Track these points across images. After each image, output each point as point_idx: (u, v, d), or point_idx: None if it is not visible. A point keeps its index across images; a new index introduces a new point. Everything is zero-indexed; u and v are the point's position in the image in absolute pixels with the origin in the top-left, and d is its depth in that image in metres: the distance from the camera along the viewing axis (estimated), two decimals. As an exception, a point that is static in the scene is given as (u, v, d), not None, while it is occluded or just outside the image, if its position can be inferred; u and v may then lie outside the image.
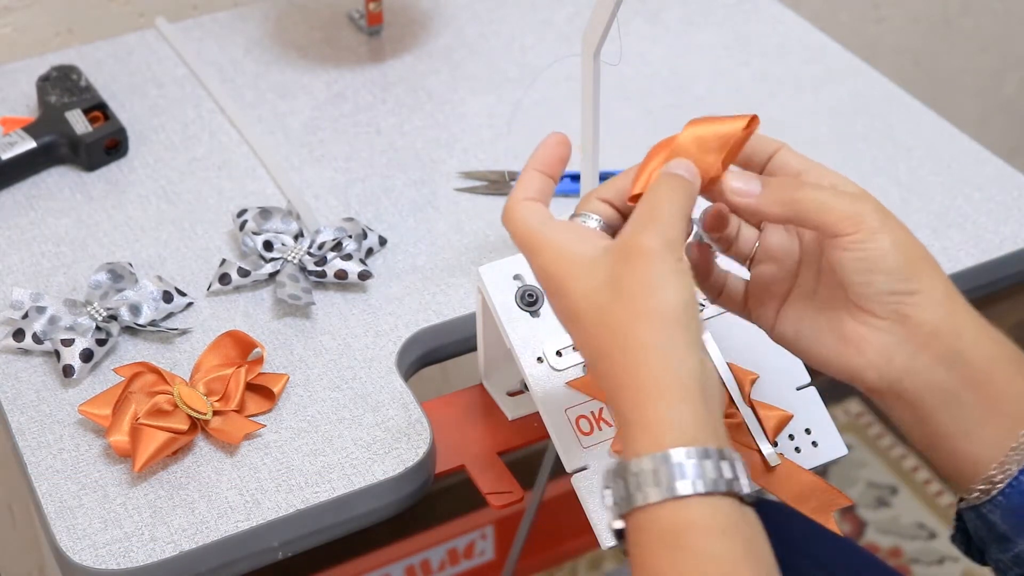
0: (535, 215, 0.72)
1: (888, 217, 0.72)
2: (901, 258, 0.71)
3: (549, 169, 0.74)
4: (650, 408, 0.64)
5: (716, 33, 1.28)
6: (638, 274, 0.66)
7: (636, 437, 0.64)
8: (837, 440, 0.88)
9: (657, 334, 0.65)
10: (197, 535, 0.84)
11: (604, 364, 0.67)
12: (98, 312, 0.96)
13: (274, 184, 1.11)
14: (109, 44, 1.27)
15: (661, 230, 0.68)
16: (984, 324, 0.72)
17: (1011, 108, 2.07)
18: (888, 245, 0.70)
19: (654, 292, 0.66)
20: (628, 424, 0.65)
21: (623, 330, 0.66)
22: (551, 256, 0.70)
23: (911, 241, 0.72)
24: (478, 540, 1.70)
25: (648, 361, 0.65)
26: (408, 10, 1.31)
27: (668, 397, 0.64)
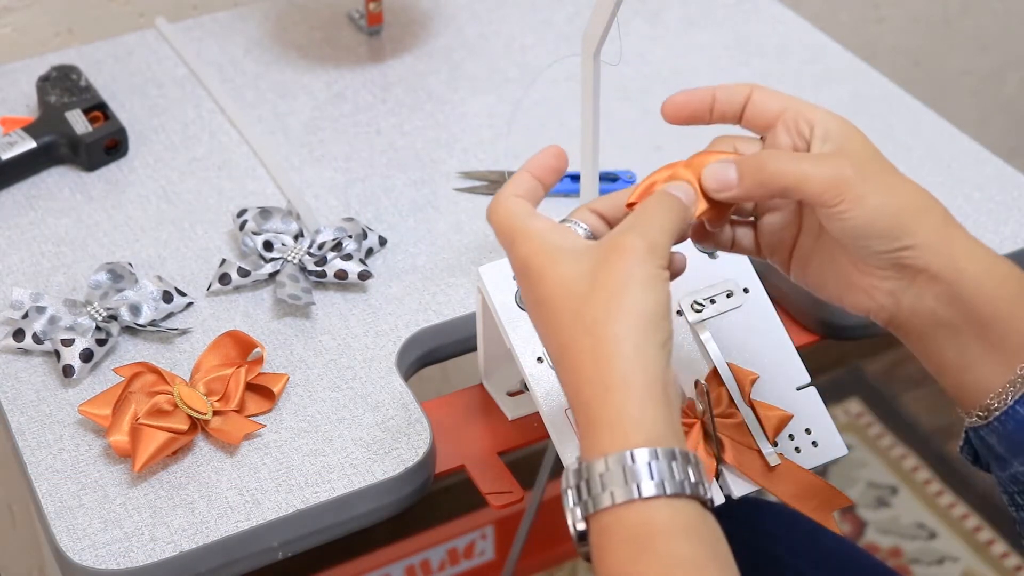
0: (521, 208, 0.72)
1: (870, 175, 0.72)
2: (889, 218, 0.71)
3: (541, 175, 0.75)
4: (618, 405, 0.64)
5: (716, 33, 1.28)
6: (617, 271, 0.66)
7: (601, 435, 0.64)
8: (837, 440, 0.88)
9: (630, 332, 0.65)
10: (197, 535, 0.84)
11: (571, 356, 0.66)
12: (98, 312, 0.96)
13: (274, 184, 1.11)
14: (109, 44, 1.27)
15: (646, 233, 0.68)
16: (988, 260, 0.73)
17: (1011, 108, 2.07)
18: (874, 209, 0.71)
19: (630, 290, 0.66)
20: (593, 422, 0.65)
21: (597, 323, 0.65)
22: (533, 245, 0.69)
23: (898, 195, 0.72)
24: (478, 540, 1.70)
25: (619, 357, 0.64)
26: (408, 10, 1.31)
27: (636, 396, 0.64)
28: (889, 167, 0.74)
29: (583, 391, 0.65)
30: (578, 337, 0.65)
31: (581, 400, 0.65)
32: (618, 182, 1.09)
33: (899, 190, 0.73)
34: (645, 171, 1.12)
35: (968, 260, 0.72)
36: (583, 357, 0.65)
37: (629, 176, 1.10)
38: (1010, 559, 1.79)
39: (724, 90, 0.77)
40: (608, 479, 0.63)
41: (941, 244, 0.72)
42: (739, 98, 0.77)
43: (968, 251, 0.73)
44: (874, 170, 0.73)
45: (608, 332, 0.65)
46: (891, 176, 0.74)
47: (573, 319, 0.66)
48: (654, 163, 1.13)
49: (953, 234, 0.73)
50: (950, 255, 0.72)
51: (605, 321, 0.65)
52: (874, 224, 0.71)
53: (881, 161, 0.74)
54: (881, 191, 0.72)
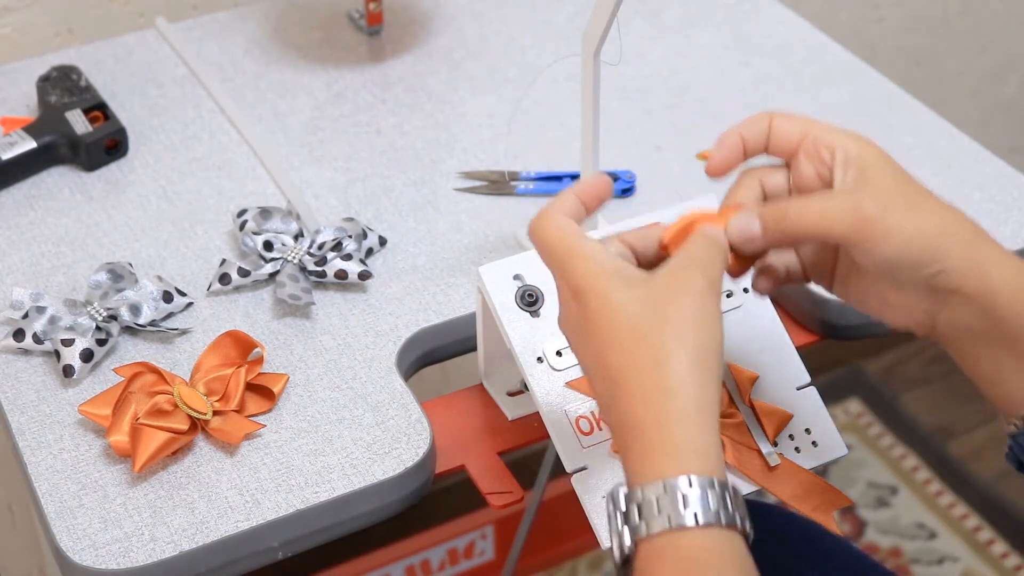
0: (572, 227, 0.73)
1: (892, 205, 0.72)
2: (916, 248, 0.72)
3: (587, 199, 0.75)
4: (680, 433, 0.65)
5: (716, 33, 1.28)
6: (685, 306, 0.68)
7: (660, 459, 0.65)
8: (837, 440, 0.88)
9: (695, 366, 0.67)
10: (197, 535, 0.84)
11: (633, 380, 0.67)
12: (98, 312, 0.96)
13: (274, 184, 1.11)
14: (109, 44, 1.27)
15: (707, 271, 0.70)
16: (1020, 275, 0.73)
17: (1011, 108, 2.07)
18: (899, 243, 0.72)
19: (697, 326, 0.67)
20: (652, 446, 0.65)
21: (666, 353, 0.66)
22: (591, 267, 0.70)
23: (923, 222, 0.72)
24: (478, 540, 1.70)
25: (684, 389, 0.66)
26: (408, 10, 1.31)
27: (697, 426, 0.66)
28: (912, 189, 0.74)
29: (641, 415, 0.66)
30: (643, 363, 0.66)
31: (637, 423, 0.66)
32: (618, 182, 1.09)
33: (923, 216, 0.73)
34: (645, 171, 1.12)
35: (999, 277, 0.73)
36: (648, 383, 0.66)
37: (629, 176, 1.10)
38: (1010, 559, 1.79)
39: (748, 126, 0.78)
40: (665, 504, 0.64)
41: (970, 265, 0.72)
42: (762, 129, 0.78)
43: (999, 268, 0.73)
44: (896, 197, 0.73)
45: (676, 364, 0.66)
46: (915, 200, 0.73)
47: (637, 345, 0.67)
48: (654, 163, 1.14)
49: (982, 252, 0.73)
50: (980, 275, 0.72)
51: (674, 352, 0.66)
52: (901, 256, 0.72)
53: (903, 183, 0.74)
54: (904, 223, 0.72)
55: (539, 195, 1.10)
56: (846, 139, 0.76)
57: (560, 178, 1.11)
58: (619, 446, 0.68)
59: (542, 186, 1.10)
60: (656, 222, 0.77)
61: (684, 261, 0.70)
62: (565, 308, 0.72)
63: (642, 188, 1.10)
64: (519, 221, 1.07)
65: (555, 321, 0.87)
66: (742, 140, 0.78)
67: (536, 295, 0.88)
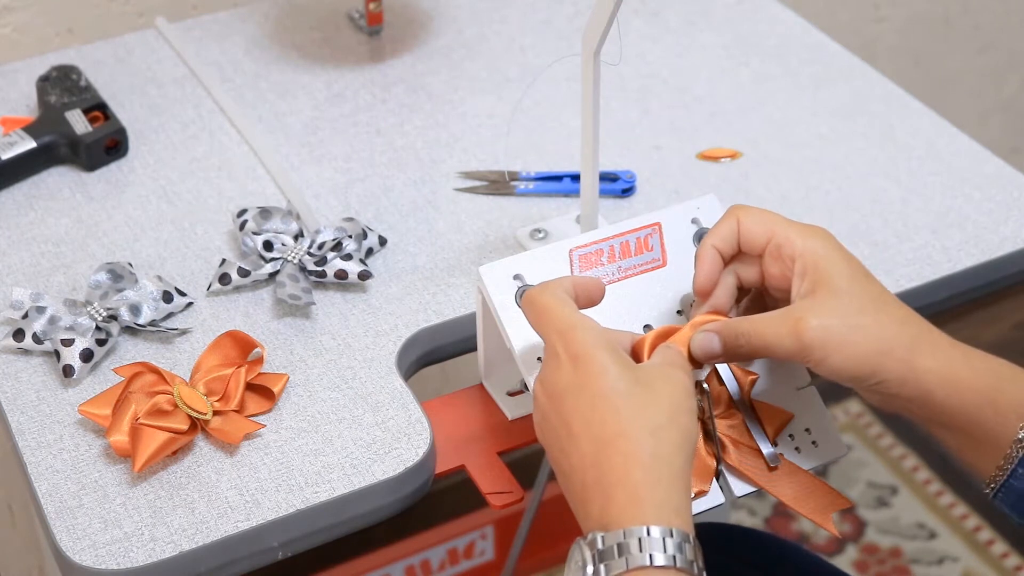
0: (571, 301, 0.80)
1: (832, 331, 0.79)
2: (853, 368, 0.79)
3: (580, 292, 0.82)
4: (667, 494, 0.73)
5: (716, 33, 1.29)
6: (676, 396, 0.76)
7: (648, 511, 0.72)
8: (837, 440, 0.88)
9: (682, 444, 0.75)
10: (197, 535, 0.84)
11: (625, 445, 0.74)
12: (98, 312, 0.96)
13: (274, 184, 1.11)
14: (109, 44, 1.27)
15: (688, 374, 0.79)
16: (955, 375, 0.79)
17: (1011, 108, 2.07)
18: (837, 365, 0.79)
19: (683, 415, 0.76)
20: (640, 500, 0.73)
21: (659, 429, 0.74)
22: (593, 337, 0.77)
23: (861, 342, 0.79)
24: (478, 540, 1.70)
25: (671, 460, 0.74)
26: (408, 10, 1.31)
27: (680, 492, 0.74)
28: (858, 301, 0.80)
29: (635, 476, 0.73)
30: (638, 432, 0.74)
31: (628, 481, 0.73)
32: (618, 182, 1.09)
33: (861, 336, 0.79)
34: (645, 171, 1.12)
35: (936, 382, 0.79)
36: (642, 450, 0.74)
37: (629, 176, 1.10)
38: (1010, 559, 1.79)
39: (718, 235, 0.85)
40: (647, 545, 0.71)
41: (907, 375, 0.79)
42: (732, 232, 0.85)
43: (934, 373, 0.79)
44: (838, 319, 0.79)
45: (667, 438, 0.74)
46: (856, 320, 0.80)
47: (634, 416, 0.74)
48: (654, 163, 1.14)
49: (917, 361, 0.79)
50: (916, 382, 0.79)
51: (667, 429, 0.75)
52: (840, 374, 0.79)
53: (852, 295, 0.80)
54: (843, 346, 0.79)
55: (539, 195, 1.10)
56: (804, 245, 0.82)
57: (560, 178, 1.10)
58: (591, 498, 0.74)
59: (542, 186, 1.10)
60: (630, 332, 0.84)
61: (670, 359, 0.79)
62: (556, 371, 0.77)
63: (642, 188, 1.11)
64: (519, 221, 1.07)
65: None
66: (717, 252, 0.85)
67: (536, 295, 0.88)
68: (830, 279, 0.81)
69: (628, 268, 0.90)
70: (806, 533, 1.83)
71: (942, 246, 1.05)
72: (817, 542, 1.82)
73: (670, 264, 0.91)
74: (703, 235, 0.92)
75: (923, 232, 1.06)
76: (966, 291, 1.04)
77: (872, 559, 1.80)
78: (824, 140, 1.16)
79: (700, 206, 0.93)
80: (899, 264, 1.03)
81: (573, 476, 0.76)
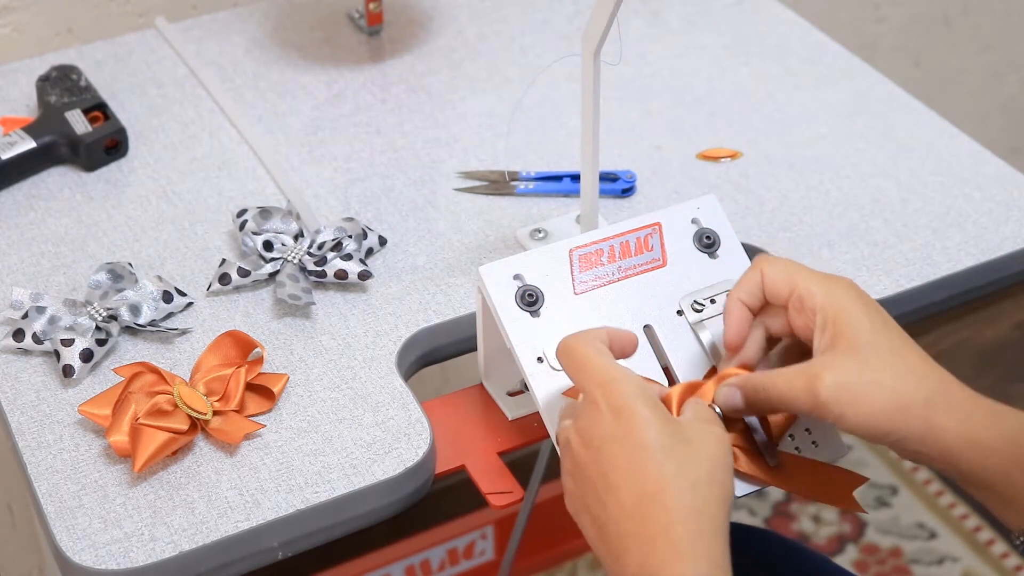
0: (608, 352, 0.81)
1: (847, 388, 0.79)
2: (870, 427, 0.79)
3: (615, 344, 0.83)
4: (708, 549, 0.73)
5: (716, 33, 1.28)
6: (717, 453, 0.77)
7: (686, 566, 0.72)
8: (837, 440, 0.88)
9: (722, 502, 0.75)
10: (197, 535, 0.84)
11: (667, 499, 0.74)
12: (98, 312, 0.96)
13: (274, 184, 1.11)
14: (109, 44, 1.27)
15: (724, 429, 0.80)
16: (975, 434, 0.79)
17: (1011, 108, 2.07)
18: (853, 424, 0.79)
19: (722, 471, 0.77)
20: (682, 555, 0.73)
21: (700, 485, 0.75)
22: (634, 390, 0.77)
23: (877, 399, 0.79)
24: (478, 540, 1.70)
25: (714, 518, 0.74)
26: (408, 10, 1.31)
27: (722, 548, 0.74)
28: (878, 354, 0.80)
29: (676, 531, 0.73)
30: (679, 489, 0.74)
31: (670, 535, 0.73)
32: (618, 182, 1.09)
33: (880, 392, 0.78)
34: (645, 171, 1.12)
35: (956, 441, 0.78)
36: (683, 505, 0.74)
37: (629, 176, 1.10)
38: (1010, 559, 1.79)
39: (744, 289, 0.85)
40: None
41: (925, 433, 0.78)
42: (757, 284, 0.85)
43: (955, 432, 0.78)
44: (855, 375, 0.79)
45: (709, 496, 0.75)
46: (873, 374, 0.79)
47: (678, 472, 0.75)
48: (654, 163, 1.14)
49: (935, 418, 0.78)
50: (935, 441, 0.78)
51: (709, 487, 0.75)
52: (858, 431, 0.79)
53: (872, 348, 0.80)
54: (859, 403, 0.78)
55: (539, 195, 1.10)
56: (825, 298, 0.82)
57: (560, 178, 1.10)
58: (629, 549, 0.74)
59: (542, 186, 1.10)
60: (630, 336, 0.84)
61: (706, 416, 0.80)
62: (596, 422, 0.77)
63: (642, 188, 1.10)
64: (519, 221, 1.07)
65: (554, 321, 0.87)
66: (744, 305, 0.85)
67: (536, 295, 0.88)
68: (849, 333, 0.80)
69: (628, 268, 0.90)
70: (806, 533, 1.83)
71: (942, 246, 1.05)
72: (818, 542, 1.82)
73: (670, 264, 0.91)
74: (703, 235, 0.92)
75: (923, 232, 1.06)
76: (966, 291, 1.04)
77: (872, 559, 1.80)
78: (824, 140, 1.16)
79: (700, 206, 0.93)
80: (899, 264, 1.03)
81: (608, 526, 0.75)
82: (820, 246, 1.05)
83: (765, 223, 1.07)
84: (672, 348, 0.89)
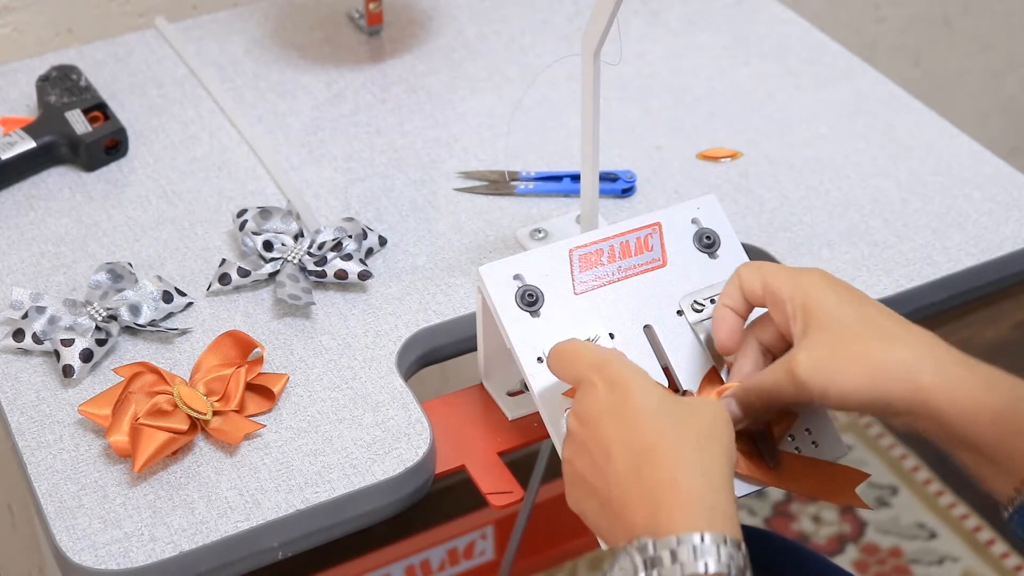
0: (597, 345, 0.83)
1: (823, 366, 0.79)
2: (855, 395, 0.79)
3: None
4: (717, 500, 0.72)
5: (716, 33, 1.28)
6: (717, 415, 0.77)
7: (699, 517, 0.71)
8: (837, 440, 0.88)
9: (727, 458, 0.75)
10: (197, 535, 0.84)
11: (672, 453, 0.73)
12: (98, 312, 0.96)
13: (274, 184, 1.11)
14: (109, 44, 1.27)
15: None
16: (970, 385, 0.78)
17: (1011, 108, 2.07)
18: (839, 395, 0.79)
19: (726, 430, 0.77)
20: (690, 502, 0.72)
21: (704, 440, 0.75)
22: (628, 365, 0.78)
23: (859, 374, 0.78)
24: (478, 540, 1.70)
25: (720, 471, 0.74)
26: (408, 10, 1.31)
27: (728, 499, 0.74)
28: (852, 330, 0.80)
29: (681, 479, 0.73)
30: (682, 441, 0.74)
31: (679, 486, 0.72)
32: (618, 182, 1.09)
33: (857, 363, 0.79)
34: (645, 171, 1.12)
35: (945, 401, 0.78)
36: (687, 458, 0.74)
37: (629, 176, 1.10)
38: (1010, 559, 1.79)
39: (728, 296, 0.86)
40: (702, 551, 0.70)
41: (912, 397, 0.78)
42: (738, 289, 0.86)
43: (943, 390, 0.78)
44: (829, 353, 0.79)
45: (712, 449, 0.75)
46: (850, 348, 0.79)
47: (677, 427, 0.75)
48: (654, 163, 1.14)
49: (921, 382, 0.78)
50: (924, 403, 0.78)
51: (710, 439, 0.75)
52: (846, 404, 0.79)
53: (845, 325, 0.80)
54: (838, 376, 0.79)
55: (539, 195, 1.10)
56: (792, 287, 0.82)
57: (560, 178, 1.10)
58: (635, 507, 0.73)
59: (542, 186, 1.10)
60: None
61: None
62: (591, 399, 0.77)
63: (642, 188, 1.10)
64: (519, 221, 1.07)
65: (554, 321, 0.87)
66: (729, 309, 0.86)
67: (536, 295, 0.88)
68: (820, 314, 0.81)
69: (628, 268, 0.90)
70: (806, 533, 1.83)
71: (942, 246, 1.05)
72: (817, 542, 1.82)
73: (670, 264, 0.91)
74: (703, 235, 0.92)
75: (923, 232, 1.06)
76: (966, 291, 1.04)
77: (872, 559, 1.80)
78: (824, 140, 1.16)
79: (700, 206, 0.93)
80: (899, 264, 1.03)
81: (612, 494, 0.75)
82: (820, 246, 1.05)
83: (765, 223, 1.07)
84: (672, 348, 0.89)
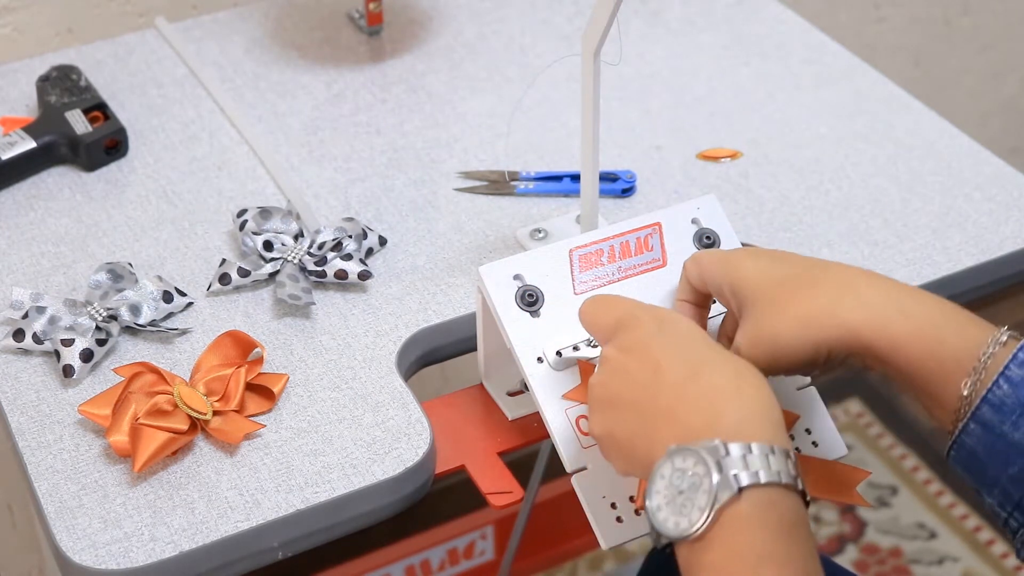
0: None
1: (754, 334, 0.78)
2: (796, 354, 0.77)
3: None
4: (765, 412, 0.71)
5: (716, 33, 1.28)
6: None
7: (748, 426, 0.70)
8: (837, 440, 0.89)
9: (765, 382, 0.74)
10: (197, 535, 0.84)
11: (716, 375, 0.73)
12: (98, 312, 0.96)
13: (274, 184, 1.11)
14: (109, 44, 1.27)
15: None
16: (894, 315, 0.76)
17: (1011, 108, 2.07)
18: (785, 361, 0.78)
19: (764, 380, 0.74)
20: (753, 416, 0.70)
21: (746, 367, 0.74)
22: (661, 310, 0.78)
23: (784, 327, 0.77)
24: (478, 540, 1.70)
25: (766, 388, 0.72)
26: (408, 10, 1.31)
27: (778, 413, 0.72)
28: (768, 294, 0.79)
29: (746, 389, 0.72)
30: (724, 368, 0.73)
31: (744, 394, 0.71)
32: (618, 182, 1.09)
33: (783, 323, 0.77)
34: (645, 171, 1.12)
35: (871, 334, 0.76)
36: (750, 372, 0.73)
37: (629, 176, 1.10)
38: (1010, 559, 1.79)
39: (679, 290, 0.87)
40: (761, 460, 0.68)
41: (842, 335, 0.76)
42: (685, 280, 0.86)
43: (867, 323, 0.76)
44: (753, 323, 0.79)
45: (756, 372, 0.74)
46: (772, 312, 0.78)
47: (721, 358, 0.74)
48: (654, 163, 1.14)
49: (846, 319, 0.76)
50: (855, 340, 0.76)
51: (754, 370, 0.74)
52: (796, 367, 0.78)
53: (762, 290, 0.79)
54: (774, 342, 0.78)
55: (539, 195, 1.10)
56: (722, 274, 0.82)
57: (560, 178, 1.10)
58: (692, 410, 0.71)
59: (542, 186, 1.10)
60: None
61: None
62: (636, 328, 0.76)
63: (642, 188, 1.11)
64: (519, 221, 1.07)
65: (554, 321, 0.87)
66: (684, 303, 0.86)
67: (536, 295, 0.88)
68: (745, 291, 0.80)
69: (628, 268, 0.90)
70: (806, 533, 1.83)
71: (942, 246, 1.05)
72: (818, 542, 1.82)
73: (670, 264, 0.91)
74: (703, 235, 0.92)
75: (923, 232, 1.06)
76: (966, 291, 1.04)
77: (872, 559, 1.80)
78: (824, 140, 1.16)
79: (700, 206, 0.93)
80: (899, 264, 1.03)
81: (658, 401, 0.72)
82: (820, 246, 1.05)
83: (765, 223, 1.07)
84: (672, 348, 0.89)
